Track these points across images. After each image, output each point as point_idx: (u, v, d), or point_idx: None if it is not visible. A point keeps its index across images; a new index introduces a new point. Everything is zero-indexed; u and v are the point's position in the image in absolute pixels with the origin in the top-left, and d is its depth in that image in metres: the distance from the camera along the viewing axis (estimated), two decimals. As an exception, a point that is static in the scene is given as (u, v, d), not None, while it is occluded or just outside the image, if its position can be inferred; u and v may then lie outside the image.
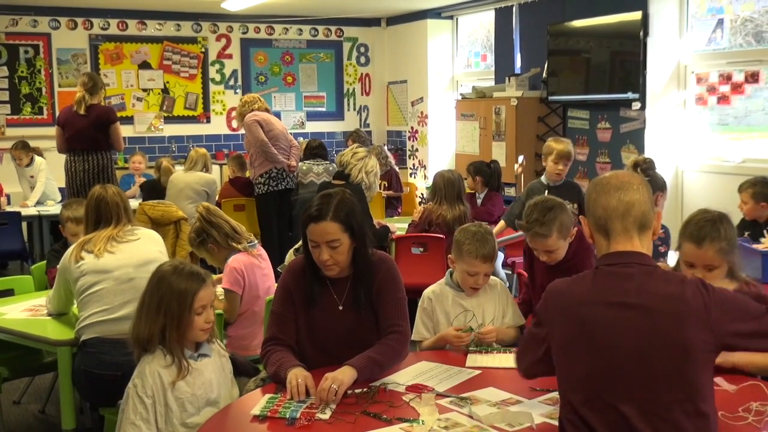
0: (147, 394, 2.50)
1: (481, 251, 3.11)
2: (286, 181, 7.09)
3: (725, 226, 2.77)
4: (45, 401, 4.54)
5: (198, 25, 10.19)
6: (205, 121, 10.35)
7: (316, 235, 2.72)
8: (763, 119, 6.45)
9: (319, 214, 2.72)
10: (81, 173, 6.80)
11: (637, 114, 7.01)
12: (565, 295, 2.07)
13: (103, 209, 3.56)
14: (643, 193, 2.05)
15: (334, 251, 2.72)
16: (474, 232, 3.17)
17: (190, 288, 2.58)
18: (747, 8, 6.48)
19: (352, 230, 2.75)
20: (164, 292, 2.58)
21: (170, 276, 2.61)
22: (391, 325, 2.78)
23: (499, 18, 8.99)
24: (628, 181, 2.06)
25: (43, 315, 3.74)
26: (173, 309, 2.55)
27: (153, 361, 2.55)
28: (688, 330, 1.91)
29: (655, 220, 2.08)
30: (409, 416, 2.34)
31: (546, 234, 3.21)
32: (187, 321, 2.56)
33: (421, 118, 10.42)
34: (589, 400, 1.97)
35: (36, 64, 9.42)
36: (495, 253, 3.16)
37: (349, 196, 2.85)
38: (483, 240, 3.13)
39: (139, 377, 2.53)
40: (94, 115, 6.78)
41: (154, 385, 2.51)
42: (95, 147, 6.82)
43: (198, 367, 2.60)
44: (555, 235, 3.20)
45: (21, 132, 9.26)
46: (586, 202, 2.15)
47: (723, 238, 2.74)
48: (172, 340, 2.55)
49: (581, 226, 2.22)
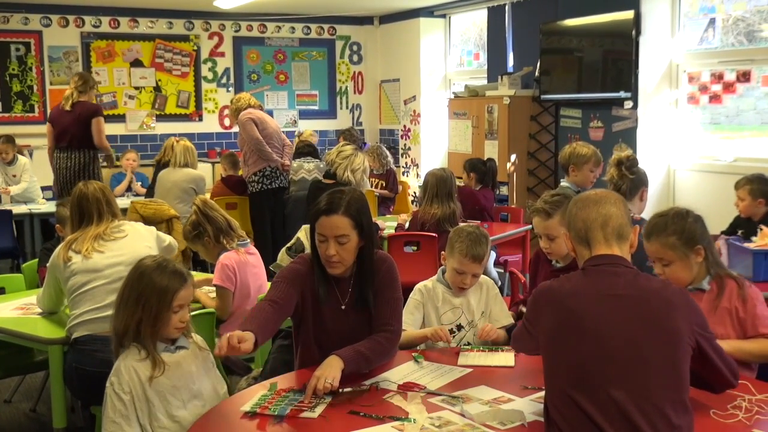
0: (124, 390, 2.49)
1: (471, 251, 3.14)
2: (280, 179, 7.08)
3: (678, 221, 2.77)
4: (36, 400, 4.53)
5: (190, 23, 10.16)
6: (198, 119, 10.33)
7: (326, 228, 2.71)
8: (755, 118, 6.47)
9: (330, 207, 2.72)
10: (64, 170, 6.83)
11: (629, 113, 7.02)
12: (554, 290, 2.16)
13: (84, 206, 3.54)
14: (620, 208, 2.21)
15: (342, 247, 2.71)
16: (469, 232, 3.21)
17: (171, 286, 2.58)
18: (739, 7, 6.49)
19: (362, 228, 2.74)
20: (144, 287, 2.57)
21: (152, 272, 2.60)
22: (383, 324, 2.78)
23: (491, 16, 9.00)
24: (606, 196, 2.24)
25: (34, 313, 3.73)
26: (152, 304, 2.55)
27: (127, 357, 2.54)
28: (678, 319, 2.04)
29: (633, 234, 2.21)
30: (401, 415, 2.34)
31: (549, 212, 3.30)
32: (164, 318, 2.56)
33: (413, 116, 10.42)
34: (579, 383, 2.02)
35: (27, 61, 9.38)
36: (486, 255, 3.18)
37: (361, 194, 2.85)
38: (476, 241, 3.17)
39: (115, 375, 2.52)
40: (78, 112, 6.79)
41: (131, 381, 2.50)
42: (79, 144, 6.82)
43: (176, 359, 2.59)
44: (558, 218, 3.25)
45: (12, 130, 9.20)
46: (567, 218, 2.29)
47: (672, 233, 2.76)
48: (146, 335, 2.55)
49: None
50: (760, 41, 6.35)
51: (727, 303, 2.76)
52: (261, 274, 4.06)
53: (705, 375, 2.14)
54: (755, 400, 2.37)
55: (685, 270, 2.76)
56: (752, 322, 2.72)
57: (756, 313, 2.73)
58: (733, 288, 2.78)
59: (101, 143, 6.95)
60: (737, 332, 2.74)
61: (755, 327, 2.72)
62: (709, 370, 2.14)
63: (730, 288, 2.78)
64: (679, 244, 2.75)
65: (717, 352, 2.13)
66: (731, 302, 2.76)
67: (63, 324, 3.48)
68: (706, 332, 2.11)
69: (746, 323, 2.73)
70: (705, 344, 2.09)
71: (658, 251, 2.79)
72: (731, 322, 2.74)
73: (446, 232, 5.28)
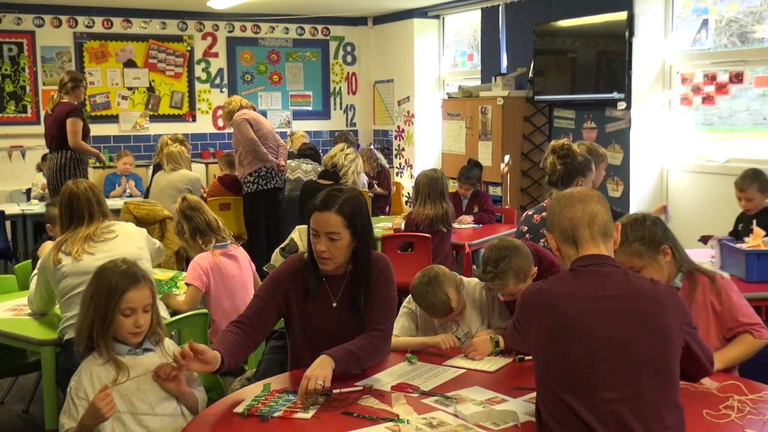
0: (79, 395, 2.42)
1: (433, 310, 3.04)
2: (275, 180, 7.07)
3: (638, 228, 2.77)
4: (29, 401, 4.52)
5: (184, 24, 10.15)
6: (191, 119, 10.31)
7: (318, 224, 2.74)
8: (748, 119, 6.49)
9: (324, 204, 2.75)
10: (48, 172, 6.87)
11: (622, 114, 7.04)
12: (545, 292, 2.14)
13: (75, 206, 3.50)
14: (604, 205, 2.21)
15: (332, 244, 2.73)
16: (420, 290, 3.05)
17: (119, 285, 2.47)
18: (732, 9, 6.51)
19: (355, 228, 2.75)
20: (97, 287, 2.50)
21: (107, 271, 2.52)
22: (374, 323, 2.77)
23: (485, 17, 9.00)
24: (589, 195, 2.23)
25: (27, 315, 3.71)
26: (101, 304, 2.46)
27: (88, 361, 2.48)
28: (669, 319, 2.04)
29: (615, 231, 2.21)
30: (393, 416, 2.33)
31: (503, 285, 3.06)
32: (112, 319, 2.45)
33: (407, 117, 10.42)
34: (571, 386, 2.01)
35: (20, 62, 9.35)
36: (449, 295, 3.03)
37: (359, 195, 2.86)
38: (432, 293, 3.02)
39: (75, 378, 2.46)
40: (56, 113, 6.76)
41: (90, 386, 2.42)
42: (57, 145, 6.78)
43: (140, 361, 2.50)
44: (512, 283, 3.03)
45: (5, 130, 9.21)
46: (549, 217, 2.26)
47: (634, 240, 2.76)
48: (99, 337, 2.46)
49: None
50: (753, 42, 6.37)
51: (701, 298, 2.78)
52: (243, 275, 4.06)
53: (687, 367, 2.14)
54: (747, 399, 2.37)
55: (657, 272, 2.76)
56: (729, 312, 2.75)
57: (732, 302, 2.76)
58: (705, 282, 2.80)
59: (75, 144, 6.71)
60: (716, 327, 2.76)
61: (733, 317, 2.75)
62: (691, 363, 2.14)
63: (702, 283, 2.80)
64: (644, 250, 2.77)
65: (699, 344, 2.14)
66: (705, 297, 2.78)
67: (55, 325, 3.47)
68: (692, 328, 2.12)
69: (724, 315, 2.76)
70: (691, 341, 2.10)
71: (625, 261, 2.73)
72: (708, 317, 2.76)
73: (440, 231, 5.31)
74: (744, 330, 2.74)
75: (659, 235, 2.79)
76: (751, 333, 2.73)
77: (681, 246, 2.88)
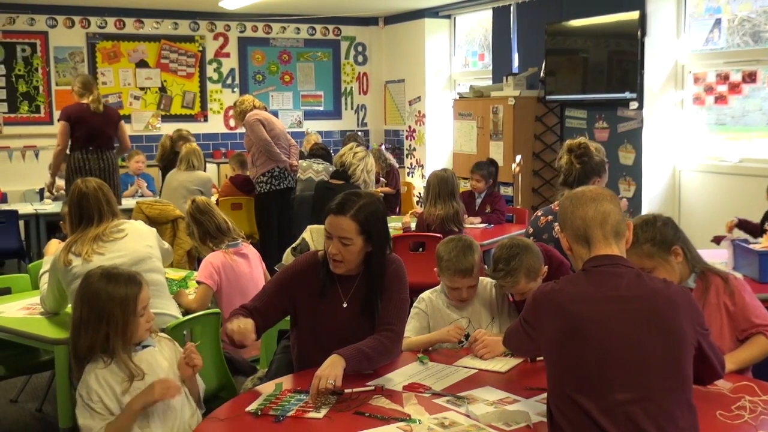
0: (93, 399, 2.46)
1: (458, 266, 3.02)
2: (288, 180, 7.09)
3: (648, 229, 2.77)
4: (42, 400, 4.54)
5: (195, 24, 10.18)
6: (203, 119, 10.34)
7: (332, 227, 2.75)
8: (761, 119, 6.45)
9: (339, 209, 2.75)
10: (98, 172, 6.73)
11: (634, 113, 7.01)
12: (557, 293, 2.12)
13: (85, 206, 3.50)
14: (616, 205, 2.19)
15: (344, 248, 2.74)
16: (454, 245, 3.07)
17: (131, 292, 2.54)
18: (744, 8, 6.48)
19: (369, 234, 2.75)
20: (104, 303, 2.51)
21: (106, 285, 2.54)
22: (386, 323, 2.78)
23: (496, 17, 8.99)
24: (601, 194, 2.20)
25: (40, 314, 3.73)
26: (116, 317, 2.50)
27: (92, 366, 2.51)
28: (682, 320, 2.03)
29: (627, 230, 2.19)
30: (405, 416, 2.34)
31: (514, 283, 3.04)
32: (133, 325, 2.53)
33: (418, 117, 10.42)
34: (584, 387, 2.00)
35: (33, 62, 9.40)
36: (476, 266, 3.05)
37: (377, 202, 2.85)
38: (462, 253, 3.03)
39: (84, 388, 2.48)
40: (109, 114, 6.86)
41: (101, 389, 2.47)
42: (109, 146, 6.84)
43: (143, 356, 2.56)
44: (523, 281, 3.03)
45: (18, 130, 9.26)
46: (561, 216, 2.24)
47: (645, 242, 2.76)
48: (117, 347, 2.50)
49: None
50: (766, 42, 6.34)
51: (715, 299, 2.78)
52: (254, 273, 4.07)
53: (698, 370, 2.12)
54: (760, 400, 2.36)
55: (668, 273, 2.75)
56: (743, 313, 2.74)
57: (745, 303, 2.75)
58: (719, 283, 2.80)
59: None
60: (729, 328, 2.76)
61: (747, 318, 2.74)
62: (703, 365, 2.13)
63: (715, 284, 2.80)
64: (655, 251, 2.76)
65: (711, 347, 2.14)
66: (719, 298, 2.77)
67: (68, 325, 3.47)
68: (704, 330, 2.11)
69: (737, 316, 2.75)
70: (704, 342, 2.09)
71: (636, 262, 2.72)
72: (722, 318, 2.76)
73: (451, 231, 5.30)
74: (757, 331, 2.73)
75: (670, 236, 2.79)
76: (765, 334, 2.72)
77: (693, 247, 2.87)
